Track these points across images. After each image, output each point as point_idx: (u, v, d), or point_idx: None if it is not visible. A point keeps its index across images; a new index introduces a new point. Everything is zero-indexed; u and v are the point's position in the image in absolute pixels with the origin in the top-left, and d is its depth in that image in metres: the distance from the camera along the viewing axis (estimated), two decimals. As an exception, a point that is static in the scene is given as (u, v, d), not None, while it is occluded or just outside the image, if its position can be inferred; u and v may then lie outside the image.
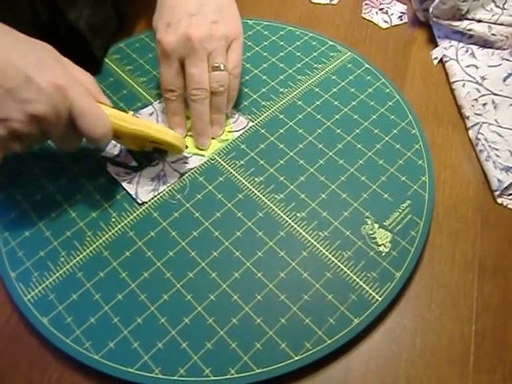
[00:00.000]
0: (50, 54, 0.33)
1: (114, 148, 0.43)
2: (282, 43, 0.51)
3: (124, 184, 0.40)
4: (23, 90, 0.30)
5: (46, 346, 0.34)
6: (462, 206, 0.40)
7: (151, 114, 0.45)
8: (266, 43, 0.51)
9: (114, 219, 0.39)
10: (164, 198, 0.40)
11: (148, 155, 0.42)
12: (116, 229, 0.38)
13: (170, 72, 0.41)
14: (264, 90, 0.47)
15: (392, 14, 0.55)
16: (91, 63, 0.47)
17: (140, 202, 0.39)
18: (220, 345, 0.33)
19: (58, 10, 0.32)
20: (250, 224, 0.38)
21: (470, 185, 0.42)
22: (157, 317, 0.34)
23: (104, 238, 0.38)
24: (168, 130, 0.39)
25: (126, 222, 0.39)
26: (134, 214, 0.39)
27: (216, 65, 0.40)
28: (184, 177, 0.41)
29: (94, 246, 0.38)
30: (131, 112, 0.37)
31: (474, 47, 0.50)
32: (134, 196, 0.40)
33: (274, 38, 0.52)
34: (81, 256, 0.37)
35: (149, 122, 0.38)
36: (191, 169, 0.42)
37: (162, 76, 0.42)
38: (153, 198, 0.40)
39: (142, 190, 0.40)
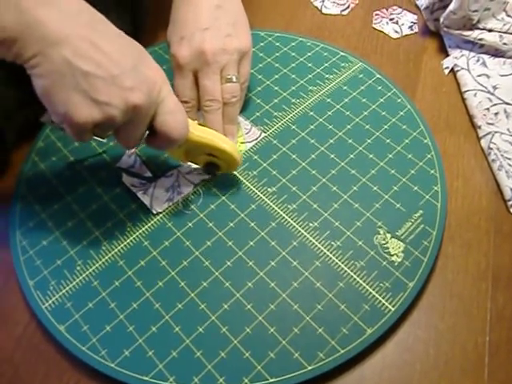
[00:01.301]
0: (145, 50, 0.34)
1: (129, 159, 0.43)
2: (293, 54, 0.52)
3: (139, 194, 0.41)
4: (128, 78, 0.31)
5: (63, 353, 0.35)
6: (475, 216, 0.40)
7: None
8: (277, 54, 0.52)
9: (129, 229, 0.40)
10: (178, 208, 0.41)
11: (163, 166, 0.43)
12: (131, 238, 0.39)
13: (183, 84, 0.42)
14: (276, 100, 0.48)
15: (402, 24, 0.56)
16: None
17: (155, 212, 0.40)
18: (234, 354, 0.33)
19: None
20: (262, 234, 0.39)
21: (482, 194, 0.42)
22: (171, 325, 0.35)
23: (119, 248, 0.39)
24: (234, 145, 0.39)
25: (140, 231, 0.39)
26: (149, 224, 0.40)
27: (229, 77, 0.41)
28: (198, 187, 0.42)
29: (110, 255, 0.38)
30: (196, 121, 0.38)
31: (486, 56, 0.50)
32: (148, 206, 0.40)
33: (285, 48, 0.52)
34: (96, 265, 0.38)
35: (214, 132, 0.38)
36: (205, 179, 0.42)
37: (176, 88, 0.42)
38: (167, 208, 0.41)
39: (157, 200, 0.41)
